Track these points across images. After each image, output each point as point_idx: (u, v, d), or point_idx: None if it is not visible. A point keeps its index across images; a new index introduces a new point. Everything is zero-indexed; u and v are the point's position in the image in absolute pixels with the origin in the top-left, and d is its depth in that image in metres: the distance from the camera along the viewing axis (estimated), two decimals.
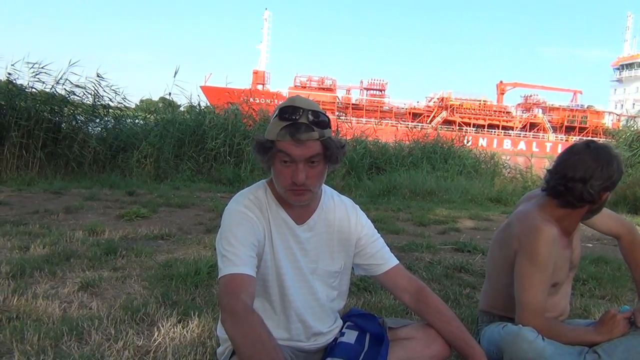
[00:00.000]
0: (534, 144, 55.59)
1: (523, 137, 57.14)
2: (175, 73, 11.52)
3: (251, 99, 13.58)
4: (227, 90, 15.76)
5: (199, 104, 11.61)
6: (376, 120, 38.32)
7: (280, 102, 1.65)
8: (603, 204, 2.06)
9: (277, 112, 1.57)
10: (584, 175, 1.94)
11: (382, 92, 63.58)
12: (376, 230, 1.84)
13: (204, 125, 10.45)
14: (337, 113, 49.71)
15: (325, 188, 1.81)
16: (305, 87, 60.78)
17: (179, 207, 6.28)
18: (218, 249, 1.58)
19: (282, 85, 62.76)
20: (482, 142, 47.08)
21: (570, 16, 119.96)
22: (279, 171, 1.58)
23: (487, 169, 12.32)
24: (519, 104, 66.16)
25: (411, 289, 1.78)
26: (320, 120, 1.55)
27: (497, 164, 12.62)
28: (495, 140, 41.96)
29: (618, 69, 68.18)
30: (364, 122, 17.23)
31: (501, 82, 66.04)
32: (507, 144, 51.19)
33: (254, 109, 11.77)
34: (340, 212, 1.80)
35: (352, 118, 35.40)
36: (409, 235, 5.36)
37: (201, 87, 37.66)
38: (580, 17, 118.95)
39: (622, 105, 66.02)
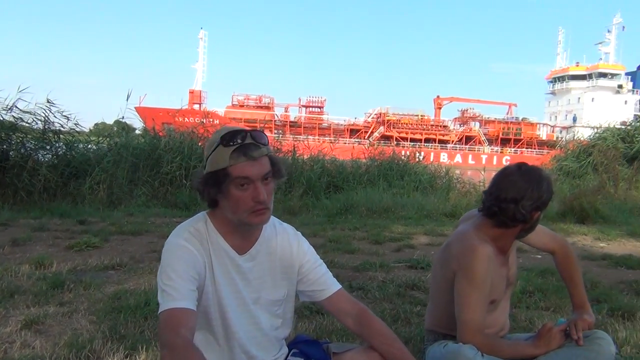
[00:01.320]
0: (470, 156, 57.38)
1: (459, 150, 58.63)
2: (128, 97, 11.37)
3: (186, 119, 13.50)
4: (162, 111, 15.59)
5: (153, 128, 11.47)
6: (314, 137, 38.45)
7: (217, 131, 1.67)
8: (535, 223, 2.15)
9: (217, 142, 1.59)
10: (515, 196, 2.03)
11: (321, 109, 63.95)
12: (318, 257, 1.87)
13: (159, 149, 10.33)
14: (275, 131, 49.79)
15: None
16: (243, 106, 60.78)
17: (132, 235, 6.16)
18: (158, 283, 1.58)
19: (219, 104, 62.81)
20: (419, 156, 47.76)
21: (509, 33, 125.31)
22: (238, 197, 1.59)
23: (442, 184, 12.57)
24: (456, 118, 67.99)
25: (353, 313, 1.81)
26: (262, 139, 1.62)
27: (451, 178, 12.90)
28: (432, 154, 42.85)
29: (551, 81, 70.78)
30: (302, 139, 17.49)
31: (438, 96, 67.50)
32: (443, 157, 52.28)
33: (208, 130, 11.70)
34: (282, 239, 1.82)
35: (289, 135, 35.35)
36: (364, 254, 5.42)
37: (135, 108, 37.15)
38: (518, 34, 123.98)
39: (555, 116, 68.92)
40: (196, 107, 58.06)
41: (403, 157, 13.60)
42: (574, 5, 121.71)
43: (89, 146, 10.84)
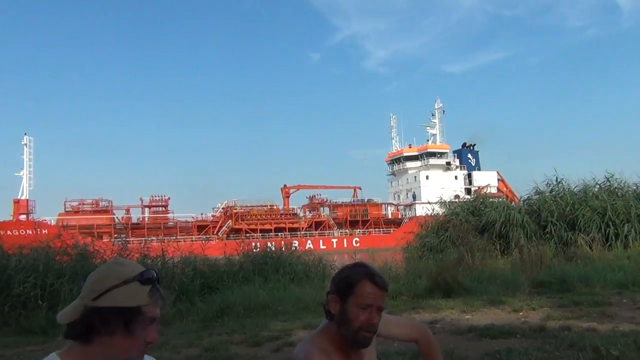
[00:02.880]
0: (321, 241, 59.51)
1: (309, 236, 60.33)
2: None
3: (14, 232, 12.63)
4: None
5: (0, 246, 10.42)
6: (159, 238, 37.14)
7: (116, 261, 1.60)
8: (343, 312, 1.97)
9: (131, 277, 1.52)
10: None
11: (166, 207, 62.54)
12: None
13: (8, 269, 9.36)
14: (115, 235, 47.65)
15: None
16: (78, 212, 58.12)
17: None
18: None
19: (51, 212, 59.38)
20: (271, 246, 48.35)
21: (355, 122, 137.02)
22: (138, 336, 1.51)
23: (318, 272, 12.74)
24: (304, 205, 70.14)
25: None
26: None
27: (326, 266, 13.14)
28: (283, 243, 42.87)
29: (390, 163, 76.61)
30: (147, 240, 16.73)
31: (285, 185, 69.78)
32: (295, 244, 53.57)
33: (67, 243, 10.91)
34: None
35: (132, 238, 33.51)
36: None
37: None
38: (362, 122, 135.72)
39: (398, 195, 74.76)
40: (23, 217, 55.19)
41: (274, 249, 13.66)
42: (402, 92, 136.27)
43: None
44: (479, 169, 74.91)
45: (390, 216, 70.65)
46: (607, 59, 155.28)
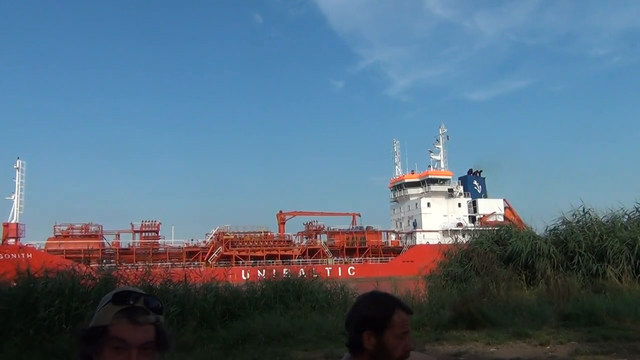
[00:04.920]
0: (314, 269, 57.18)
1: (302, 264, 57.70)
2: None
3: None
4: None
5: (27, 270, 10.59)
6: (148, 264, 36.72)
7: (118, 287, 1.63)
8: (382, 346, 1.96)
9: (110, 297, 1.55)
10: (347, 321, 2.06)
11: (157, 233, 62.12)
12: None
13: (35, 293, 9.50)
14: (104, 260, 46.82)
15: None
16: (67, 236, 57.84)
17: None
18: None
19: (41, 237, 58.87)
20: (262, 274, 47.77)
21: (357, 146, 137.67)
22: (108, 359, 1.50)
23: (339, 300, 12.63)
24: (300, 232, 69.04)
25: None
26: (154, 306, 1.57)
27: (348, 294, 13.02)
28: (274, 271, 41.88)
29: (392, 190, 75.35)
30: (135, 266, 16.19)
31: (280, 211, 68.73)
32: (286, 273, 52.52)
33: (92, 268, 11.05)
34: None
35: (115, 264, 32.98)
36: None
37: None
38: (363, 147, 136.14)
39: (400, 223, 73.04)
40: (12, 241, 55.31)
41: (297, 277, 13.61)
42: (406, 117, 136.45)
43: None
44: (485, 196, 73.01)
45: (390, 244, 68.89)
46: (631, 87, 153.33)
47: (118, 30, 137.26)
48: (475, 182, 73.83)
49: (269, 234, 64.62)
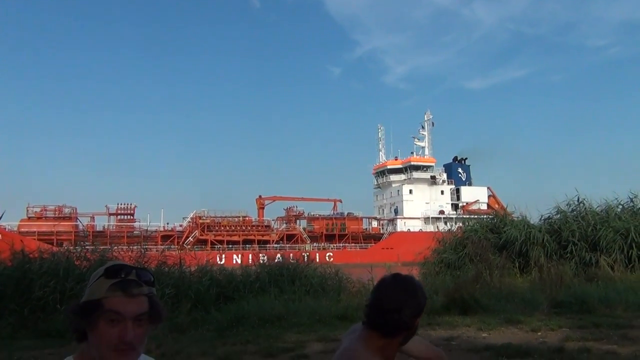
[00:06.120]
0: (291, 255, 56.48)
1: (280, 249, 56.66)
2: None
3: None
4: None
5: (22, 251, 10.58)
6: (122, 247, 36.61)
7: (107, 262, 1.63)
8: (416, 329, 2.27)
9: (102, 272, 1.56)
10: (396, 306, 2.13)
11: (132, 216, 61.29)
12: None
13: (30, 273, 9.51)
14: (77, 243, 46.66)
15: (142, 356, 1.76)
16: (41, 218, 57.19)
17: None
18: None
19: (14, 218, 56.37)
20: (237, 258, 48.42)
21: (339, 131, 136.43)
22: (104, 331, 1.50)
23: (333, 285, 12.69)
24: (279, 217, 68.18)
25: None
26: (147, 279, 1.58)
27: (342, 279, 13.08)
28: (250, 256, 41.27)
29: (376, 176, 74.41)
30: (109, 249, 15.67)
31: (260, 196, 68.22)
32: (263, 258, 52.06)
33: (86, 248, 11.06)
34: None
35: (88, 246, 32.54)
36: None
37: None
38: (349, 132, 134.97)
39: (383, 209, 72.28)
40: None
41: (292, 262, 13.64)
42: (402, 105, 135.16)
43: None
44: (470, 184, 72.14)
45: (371, 231, 68.36)
46: (629, 78, 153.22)
47: (111, 12, 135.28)
48: (460, 170, 72.87)
49: (247, 218, 63.93)
